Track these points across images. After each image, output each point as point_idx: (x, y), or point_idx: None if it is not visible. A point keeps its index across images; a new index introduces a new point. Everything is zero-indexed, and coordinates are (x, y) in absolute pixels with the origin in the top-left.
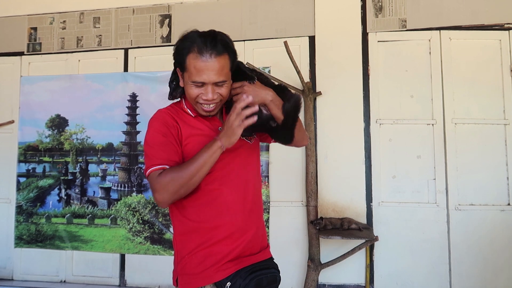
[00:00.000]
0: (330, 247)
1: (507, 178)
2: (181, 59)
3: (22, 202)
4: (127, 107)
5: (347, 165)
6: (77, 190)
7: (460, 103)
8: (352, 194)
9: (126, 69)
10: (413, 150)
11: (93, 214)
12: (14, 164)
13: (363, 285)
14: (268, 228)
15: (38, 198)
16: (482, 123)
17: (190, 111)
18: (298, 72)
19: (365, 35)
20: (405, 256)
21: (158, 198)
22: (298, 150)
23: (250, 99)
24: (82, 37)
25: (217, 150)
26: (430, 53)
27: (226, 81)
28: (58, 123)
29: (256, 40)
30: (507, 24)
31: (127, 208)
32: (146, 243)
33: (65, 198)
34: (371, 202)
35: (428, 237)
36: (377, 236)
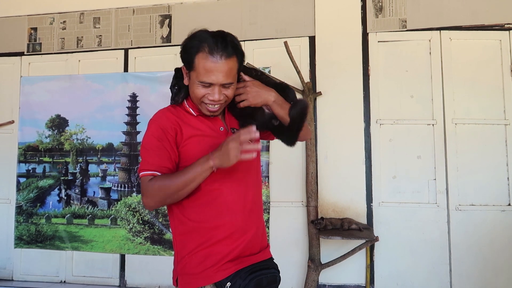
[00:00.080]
0: (330, 248)
1: (508, 178)
2: (189, 58)
3: (22, 203)
4: (127, 107)
5: (347, 165)
6: (77, 191)
7: (460, 103)
8: (352, 194)
9: (126, 69)
10: (413, 150)
11: (93, 214)
12: (14, 164)
13: (364, 285)
14: (268, 228)
15: (38, 199)
16: (483, 123)
17: (192, 110)
18: (298, 72)
19: (365, 35)
20: (405, 256)
21: (145, 202)
22: (298, 150)
23: (257, 135)
24: (82, 37)
25: (208, 170)
26: (430, 53)
27: (233, 83)
28: (58, 123)
29: (256, 40)
30: (507, 24)
31: (127, 208)
32: (146, 244)
33: (65, 198)
34: (371, 202)
35: (428, 237)
36: (377, 236)
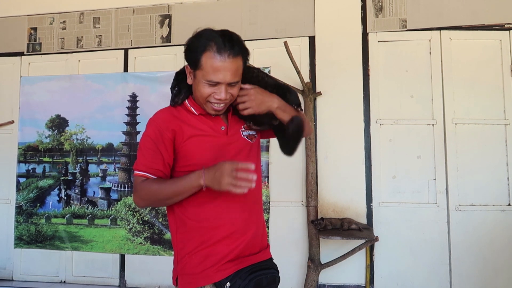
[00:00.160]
0: (330, 248)
1: (508, 178)
2: (195, 57)
3: (22, 203)
4: (127, 107)
5: (347, 165)
6: (77, 191)
7: (460, 103)
8: (352, 194)
9: (126, 69)
10: (413, 150)
11: (93, 214)
12: (14, 164)
13: (363, 285)
14: (268, 228)
15: (38, 199)
16: (482, 123)
17: (193, 110)
18: (298, 72)
19: (365, 35)
20: (405, 256)
21: (135, 200)
22: (298, 150)
23: (253, 175)
24: (82, 37)
25: (197, 187)
26: (430, 53)
27: (239, 81)
28: (58, 124)
29: (256, 40)
30: (507, 24)
31: (127, 208)
32: (146, 244)
33: (65, 198)
34: (371, 203)
35: (428, 237)
36: (377, 236)
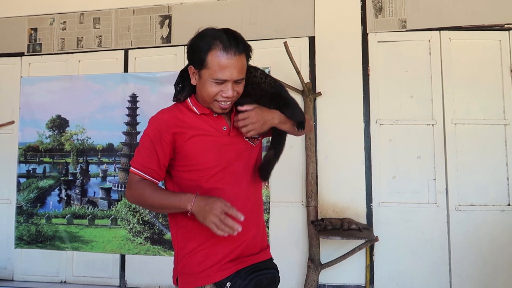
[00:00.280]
0: (330, 248)
1: (507, 178)
2: (200, 56)
3: (23, 203)
4: (127, 108)
5: (347, 165)
6: (77, 191)
7: (460, 103)
8: (352, 194)
9: (126, 69)
10: (413, 151)
11: (93, 214)
12: (14, 164)
13: (363, 285)
14: (268, 228)
15: (38, 199)
16: (482, 124)
17: (195, 109)
18: (298, 72)
19: (365, 36)
20: (405, 256)
21: (126, 195)
22: (298, 150)
23: (238, 226)
24: (82, 37)
25: (183, 209)
26: (430, 53)
27: (244, 78)
28: (59, 124)
29: (256, 40)
30: (507, 24)
31: (128, 208)
32: (146, 244)
33: (65, 198)
34: (371, 203)
35: (428, 237)
36: (377, 236)
